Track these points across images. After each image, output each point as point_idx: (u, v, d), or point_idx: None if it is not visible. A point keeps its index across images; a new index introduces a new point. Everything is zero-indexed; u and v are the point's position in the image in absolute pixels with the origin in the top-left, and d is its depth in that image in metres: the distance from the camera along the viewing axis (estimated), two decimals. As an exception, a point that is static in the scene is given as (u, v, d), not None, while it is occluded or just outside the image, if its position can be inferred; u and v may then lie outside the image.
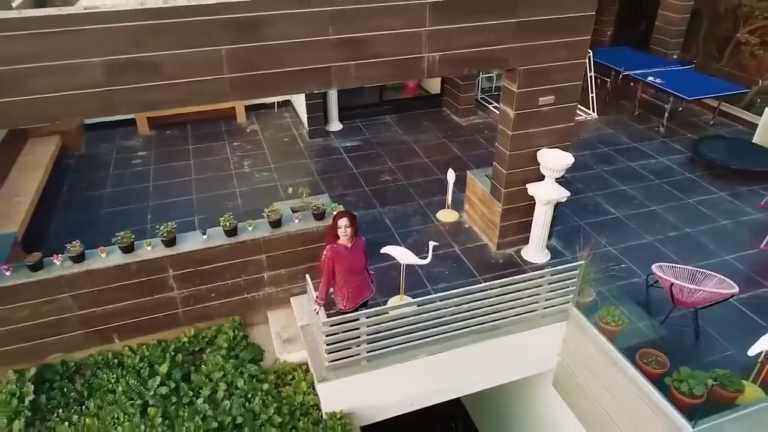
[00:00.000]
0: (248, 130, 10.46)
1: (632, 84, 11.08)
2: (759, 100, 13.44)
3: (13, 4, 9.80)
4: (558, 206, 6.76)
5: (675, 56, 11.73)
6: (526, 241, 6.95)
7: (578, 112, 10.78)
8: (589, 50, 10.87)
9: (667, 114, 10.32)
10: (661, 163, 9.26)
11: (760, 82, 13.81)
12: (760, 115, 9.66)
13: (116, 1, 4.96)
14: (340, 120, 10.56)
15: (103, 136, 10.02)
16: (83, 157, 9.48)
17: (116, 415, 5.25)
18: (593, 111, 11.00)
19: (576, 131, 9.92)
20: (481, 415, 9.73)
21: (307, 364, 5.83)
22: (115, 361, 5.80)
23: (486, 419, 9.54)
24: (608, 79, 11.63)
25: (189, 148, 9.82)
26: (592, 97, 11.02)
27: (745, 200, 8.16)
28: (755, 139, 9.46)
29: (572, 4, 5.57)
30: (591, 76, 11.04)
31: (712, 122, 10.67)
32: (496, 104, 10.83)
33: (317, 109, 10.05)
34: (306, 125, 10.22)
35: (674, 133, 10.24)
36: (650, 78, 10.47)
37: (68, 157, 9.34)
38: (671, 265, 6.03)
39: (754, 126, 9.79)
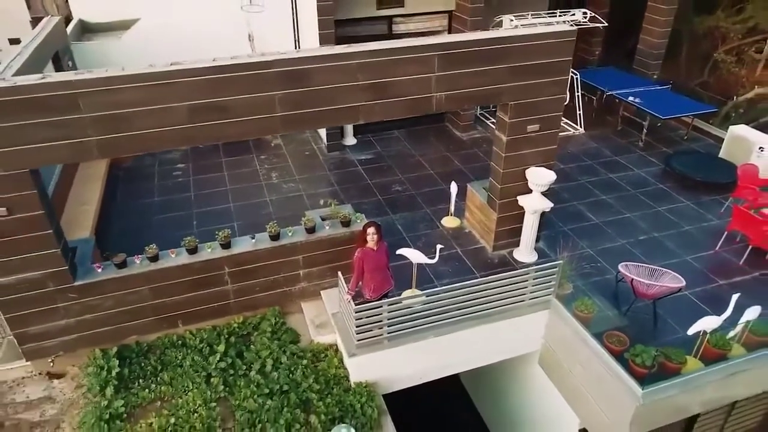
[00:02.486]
0: (273, 144, 11.74)
1: (617, 101, 12.34)
2: (734, 114, 14.77)
3: (68, 29, 11.13)
4: (544, 214, 8.03)
5: (655, 76, 12.98)
6: (517, 243, 8.22)
7: (567, 127, 12.10)
8: (577, 71, 12.25)
9: (645, 130, 11.60)
10: (637, 174, 10.55)
11: (735, 97, 15.13)
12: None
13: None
14: (354, 135, 11.85)
15: (145, 149, 11.28)
16: (130, 169, 10.76)
17: (186, 384, 6.54)
18: (580, 126, 12.27)
19: (564, 145, 11.25)
20: (480, 397, 11.03)
21: (336, 345, 7.13)
22: (179, 342, 7.09)
23: (485, 399, 10.83)
24: (594, 97, 12.92)
25: (222, 161, 11.11)
26: (580, 114, 12.29)
27: (707, 208, 9.44)
28: (721, 154, 10.74)
29: (552, 52, 6.84)
30: (578, 95, 12.33)
31: (686, 137, 11.96)
32: (494, 120, 12.10)
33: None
34: (324, 140, 11.50)
35: (651, 147, 11.53)
36: (630, 98, 11.75)
37: (117, 169, 10.63)
38: (636, 264, 7.32)
39: (723, 141, 11.03)
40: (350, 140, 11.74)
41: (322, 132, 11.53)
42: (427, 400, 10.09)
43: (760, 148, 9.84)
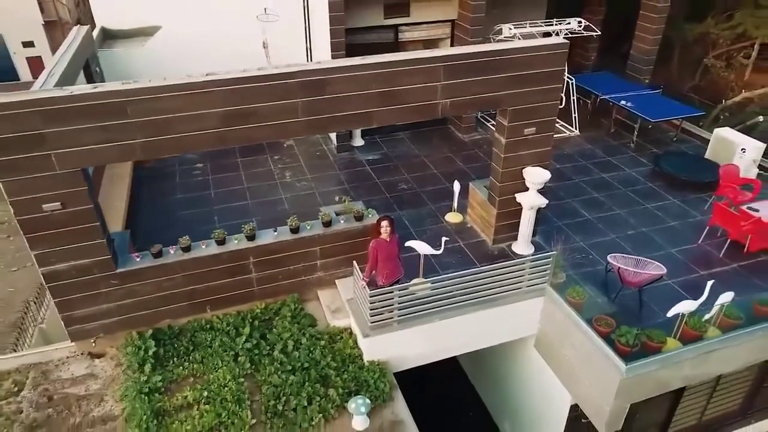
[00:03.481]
0: (285, 145, 12.43)
1: (610, 104, 13.04)
2: (722, 117, 15.48)
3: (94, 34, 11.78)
4: (540, 210, 8.72)
5: (647, 81, 13.67)
6: (515, 237, 8.92)
7: (562, 129, 12.80)
8: (572, 76, 12.94)
9: (636, 132, 12.31)
10: (628, 174, 11.25)
11: (724, 101, 15.84)
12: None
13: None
14: (362, 136, 12.53)
15: (165, 150, 11.97)
16: (153, 169, 11.45)
17: (216, 362, 7.24)
18: (575, 128, 12.97)
19: (560, 146, 11.97)
20: (480, 380, 11.73)
21: (350, 328, 7.83)
22: (208, 326, 7.79)
23: (485, 382, 11.53)
24: (589, 101, 13.62)
25: (238, 161, 11.81)
26: (575, 116, 12.99)
27: (692, 205, 10.15)
28: (707, 155, 11.43)
29: (547, 62, 7.54)
30: (574, 99, 13.02)
31: (675, 139, 12.66)
32: (494, 122, 12.79)
33: (344, 127, 11.98)
34: (334, 141, 12.20)
35: (642, 148, 12.23)
36: (623, 102, 12.45)
37: (141, 169, 11.32)
38: (623, 255, 8.02)
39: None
40: (358, 141, 12.43)
41: (332, 134, 12.22)
42: (429, 385, 10.81)
43: (742, 149, 10.55)
